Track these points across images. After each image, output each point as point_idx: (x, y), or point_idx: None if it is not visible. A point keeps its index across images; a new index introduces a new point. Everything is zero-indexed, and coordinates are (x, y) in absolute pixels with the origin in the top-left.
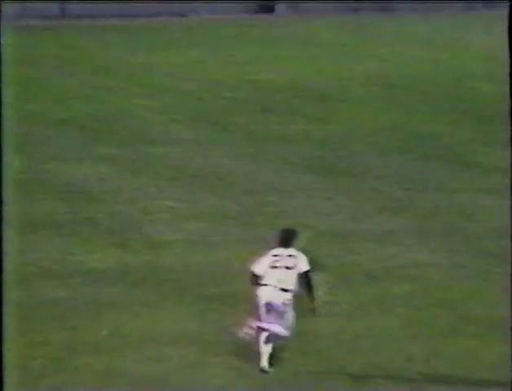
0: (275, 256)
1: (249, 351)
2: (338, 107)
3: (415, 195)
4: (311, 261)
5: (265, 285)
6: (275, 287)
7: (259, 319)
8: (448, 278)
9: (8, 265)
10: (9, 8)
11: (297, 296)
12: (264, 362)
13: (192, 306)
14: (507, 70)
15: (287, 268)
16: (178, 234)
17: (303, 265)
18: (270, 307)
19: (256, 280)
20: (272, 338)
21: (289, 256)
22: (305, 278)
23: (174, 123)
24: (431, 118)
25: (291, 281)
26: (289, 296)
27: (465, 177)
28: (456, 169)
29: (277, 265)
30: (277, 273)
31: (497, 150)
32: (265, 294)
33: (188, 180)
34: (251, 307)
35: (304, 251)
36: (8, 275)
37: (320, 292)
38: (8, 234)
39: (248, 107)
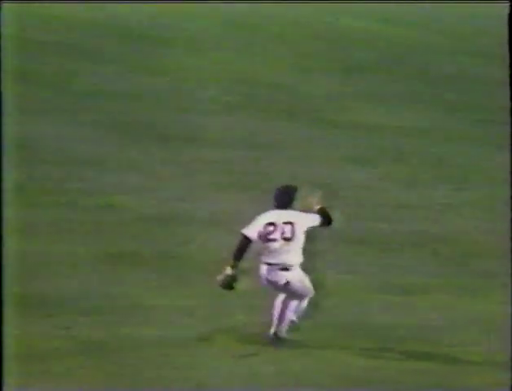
0: (271, 224)
1: None
2: (169, 53)
3: (262, 165)
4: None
5: (264, 264)
6: (275, 265)
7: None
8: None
9: None
10: None
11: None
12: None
13: None
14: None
15: (285, 239)
16: None
17: (310, 220)
18: (271, 285)
19: (246, 246)
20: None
21: (286, 223)
22: (323, 223)
23: None
24: (291, 66)
25: (292, 255)
26: (291, 275)
27: (327, 140)
28: (315, 130)
29: (273, 237)
30: (274, 247)
31: (374, 105)
32: (265, 273)
33: None
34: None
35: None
36: None
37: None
38: None
39: (46, 49)
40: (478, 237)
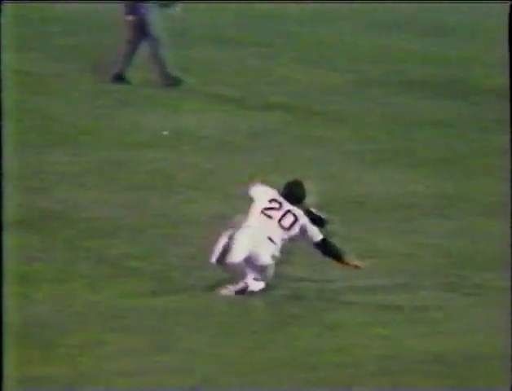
0: (275, 201)
1: None
2: None
3: None
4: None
5: (249, 227)
6: (261, 233)
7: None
8: None
9: None
10: None
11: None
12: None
13: None
14: None
15: (282, 227)
16: None
17: (313, 232)
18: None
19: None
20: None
21: (290, 212)
22: (323, 247)
23: None
24: None
25: (279, 238)
26: (276, 249)
27: None
28: None
29: (271, 214)
30: (267, 222)
31: None
32: (245, 241)
33: None
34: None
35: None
36: None
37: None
38: None
39: None
40: (98, 212)
